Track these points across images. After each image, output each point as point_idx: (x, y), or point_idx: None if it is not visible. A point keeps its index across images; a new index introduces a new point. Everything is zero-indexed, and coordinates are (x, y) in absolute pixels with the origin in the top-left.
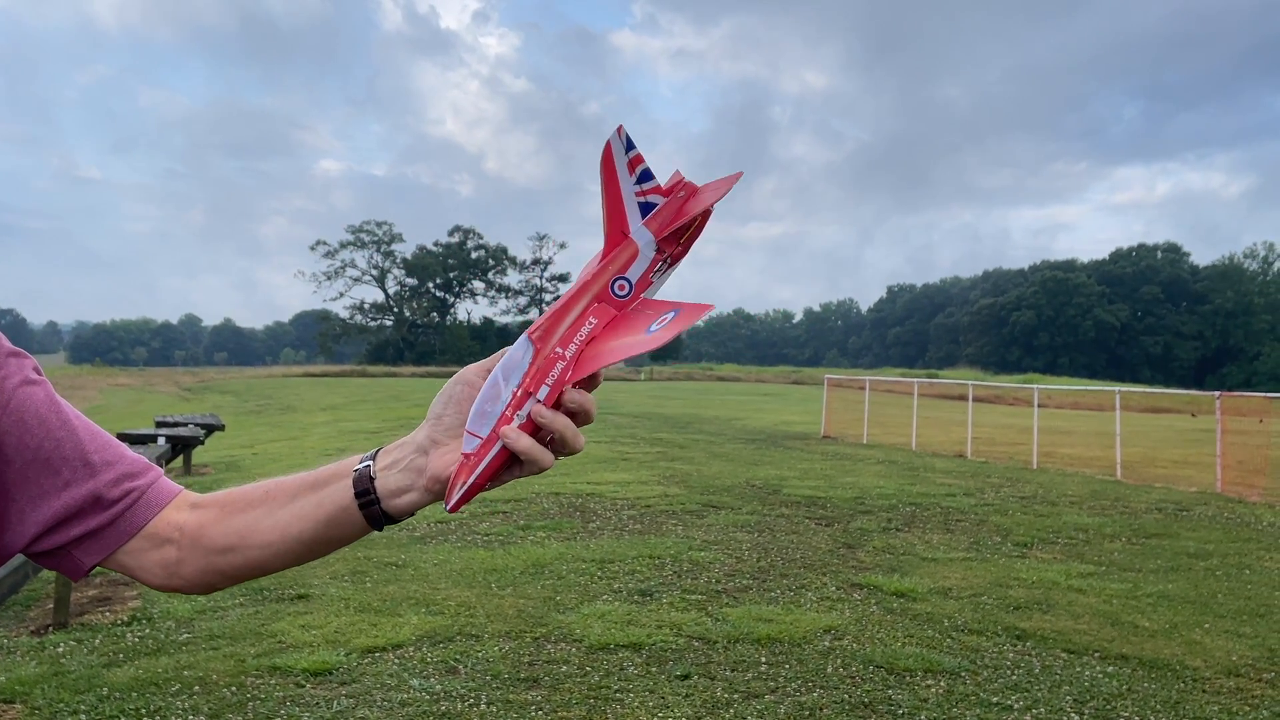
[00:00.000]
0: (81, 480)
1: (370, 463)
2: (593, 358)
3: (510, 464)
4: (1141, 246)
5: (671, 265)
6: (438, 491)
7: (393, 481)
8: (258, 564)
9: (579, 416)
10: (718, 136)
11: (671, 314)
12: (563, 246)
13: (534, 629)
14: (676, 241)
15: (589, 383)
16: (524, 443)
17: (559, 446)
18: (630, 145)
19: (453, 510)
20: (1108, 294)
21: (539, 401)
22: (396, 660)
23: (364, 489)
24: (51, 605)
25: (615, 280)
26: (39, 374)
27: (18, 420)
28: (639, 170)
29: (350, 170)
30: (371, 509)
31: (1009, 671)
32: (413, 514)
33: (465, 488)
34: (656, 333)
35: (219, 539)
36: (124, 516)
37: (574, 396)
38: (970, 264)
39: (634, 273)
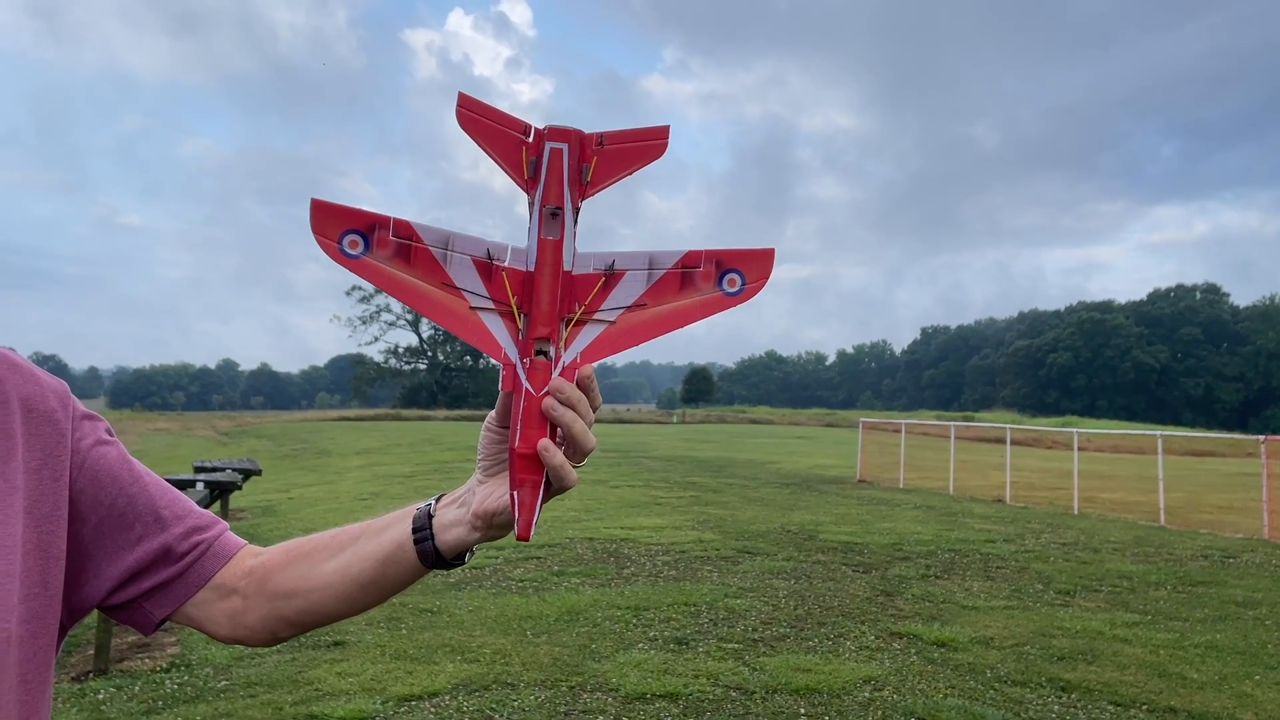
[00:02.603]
0: (153, 534)
1: (433, 502)
2: (646, 324)
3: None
4: (1180, 287)
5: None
6: (483, 526)
7: (447, 517)
8: (318, 608)
9: (575, 409)
10: (742, 177)
11: (737, 276)
12: None
13: (569, 678)
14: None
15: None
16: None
17: (569, 446)
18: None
19: (523, 537)
20: (1146, 335)
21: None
22: (433, 709)
23: (421, 525)
24: (92, 651)
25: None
26: (111, 435)
27: (93, 479)
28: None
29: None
30: (424, 544)
31: None
32: (464, 552)
33: (520, 507)
34: (738, 293)
35: (282, 584)
36: (192, 569)
37: (560, 385)
38: (1003, 304)
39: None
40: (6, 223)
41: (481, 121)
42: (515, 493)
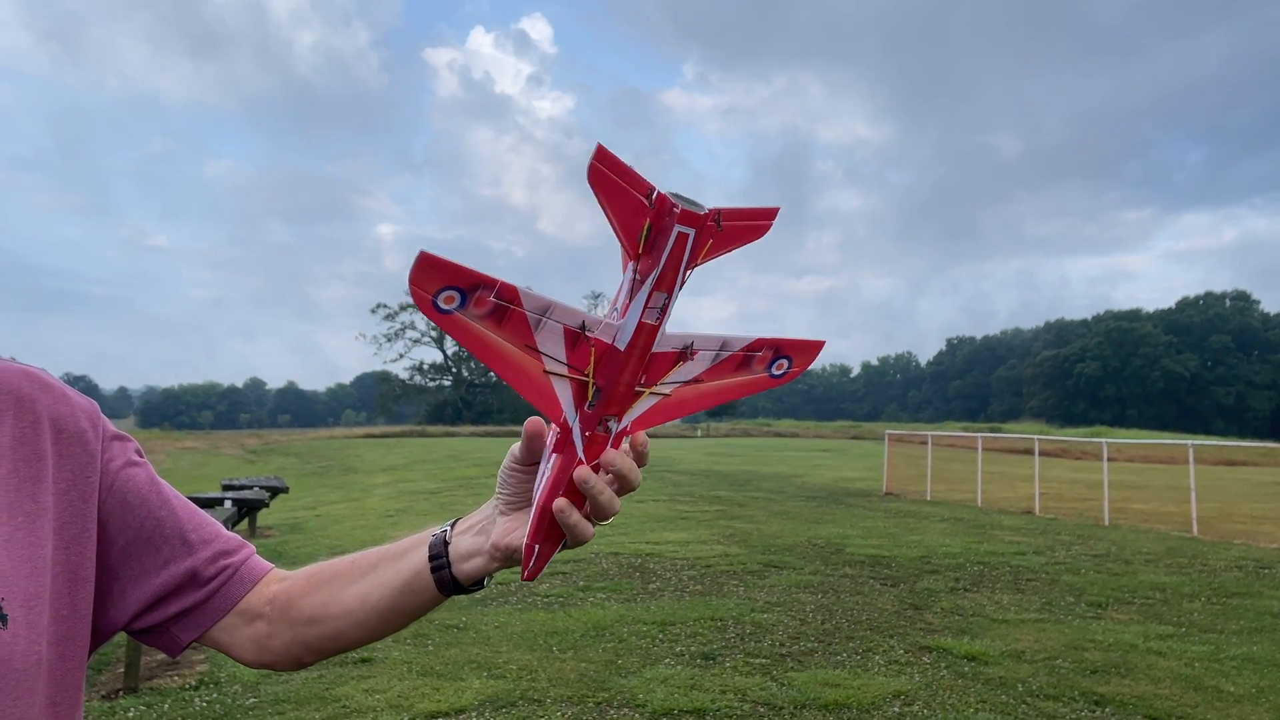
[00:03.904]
0: (180, 558)
1: (448, 529)
2: (696, 398)
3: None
4: (1209, 294)
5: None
6: (502, 559)
7: (464, 545)
8: (339, 634)
9: (621, 481)
10: (762, 188)
11: (786, 361)
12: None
13: (596, 693)
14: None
15: (638, 457)
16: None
17: (593, 511)
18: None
19: (529, 579)
20: (1175, 343)
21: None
22: None
23: (438, 553)
24: (122, 670)
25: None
26: (141, 456)
27: (121, 501)
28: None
29: (408, 233)
30: (441, 573)
31: None
32: (482, 579)
33: (535, 557)
34: (782, 376)
35: (305, 610)
36: (219, 593)
37: (613, 458)
38: (1028, 314)
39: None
40: (35, 246)
41: (613, 180)
42: (535, 546)
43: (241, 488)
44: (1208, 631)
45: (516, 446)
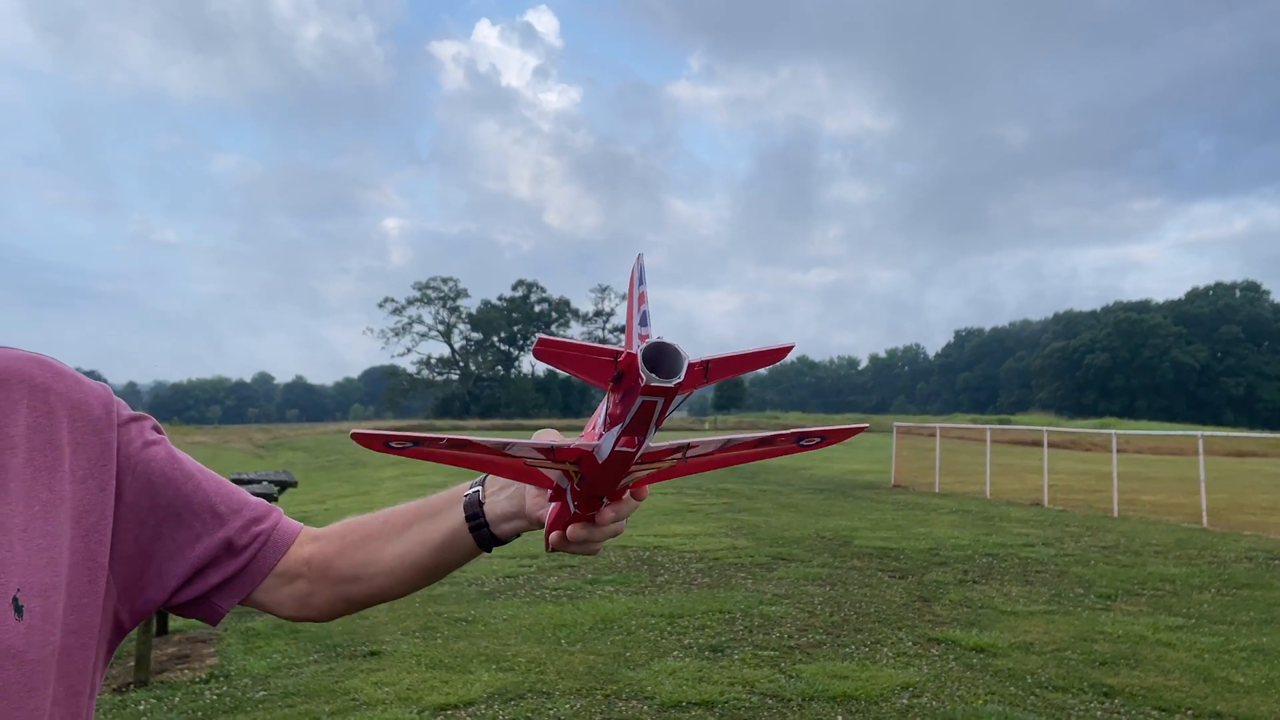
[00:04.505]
0: (212, 530)
1: (479, 489)
2: (709, 463)
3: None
4: (1219, 285)
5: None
6: (536, 526)
7: (499, 507)
8: (381, 590)
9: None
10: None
11: (818, 439)
12: (624, 298)
13: (604, 686)
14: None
15: (636, 493)
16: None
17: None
18: (642, 279)
19: (551, 550)
20: (1185, 335)
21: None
22: (468, 718)
23: (474, 513)
24: (133, 663)
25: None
26: (158, 431)
27: (145, 482)
28: (642, 310)
29: (414, 227)
30: (481, 532)
31: None
32: (519, 536)
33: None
34: (812, 446)
35: (344, 570)
36: (255, 560)
37: (605, 527)
38: (1036, 305)
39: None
40: (43, 242)
41: (563, 355)
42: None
43: (250, 482)
44: (1217, 623)
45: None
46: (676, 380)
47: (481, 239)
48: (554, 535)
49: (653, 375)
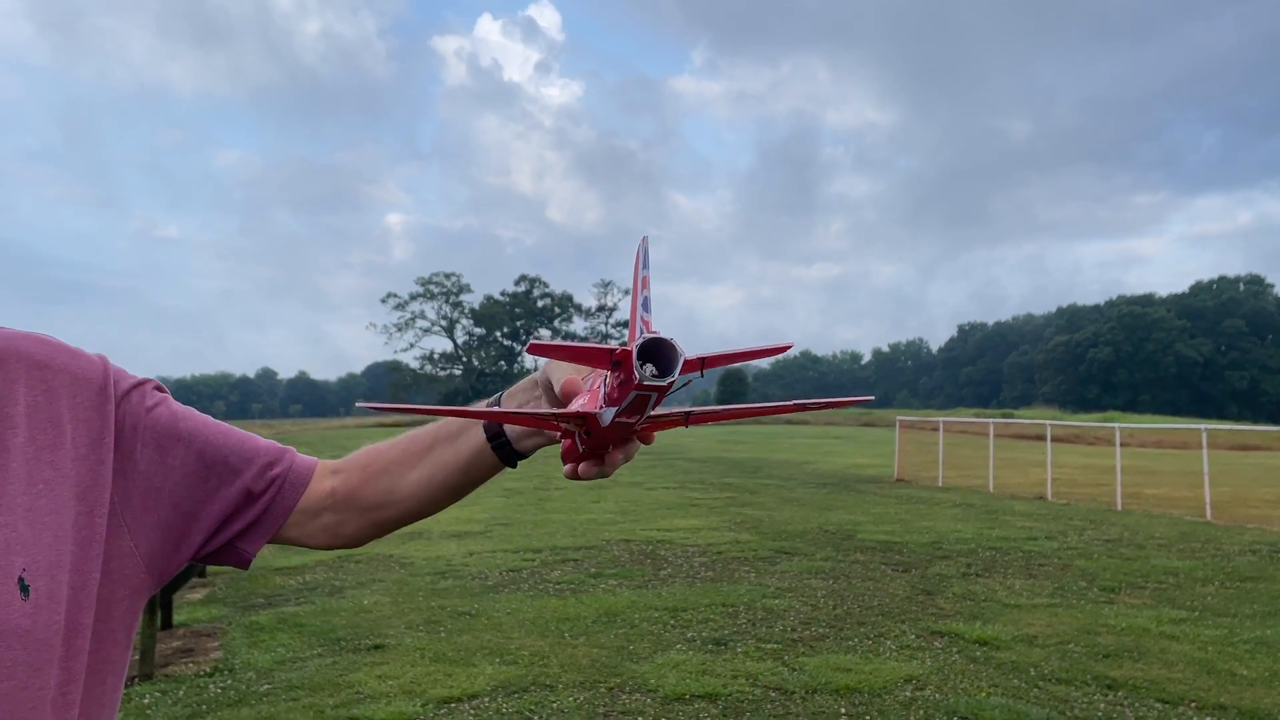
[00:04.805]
0: (229, 482)
1: (496, 408)
2: (714, 416)
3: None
4: (1222, 278)
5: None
6: (551, 442)
7: (519, 426)
8: (410, 513)
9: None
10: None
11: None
12: (627, 293)
13: (608, 679)
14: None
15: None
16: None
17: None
18: (645, 262)
19: (568, 477)
20: (1189, 328)
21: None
22: (472, 711)
23: (495, 432)
24: (137, 656)
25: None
26: (160, 390)
27: (155, 448)
28: (644, 295)
29: (417, 222)
30: (503, 450)
31: None
32: (536, 449)
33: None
34: (808, 402)
35: (370, 498)
36: (275, 502)
37: (604, 467)
38: (1039, 299)
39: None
40: (46, 238)
41: (557, 350)
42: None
43: None
44: (1221, 616)
45: (556, 377)
46: (670, 379)
47: (484, 234)
48: (567, 468)
49: (647, 373)
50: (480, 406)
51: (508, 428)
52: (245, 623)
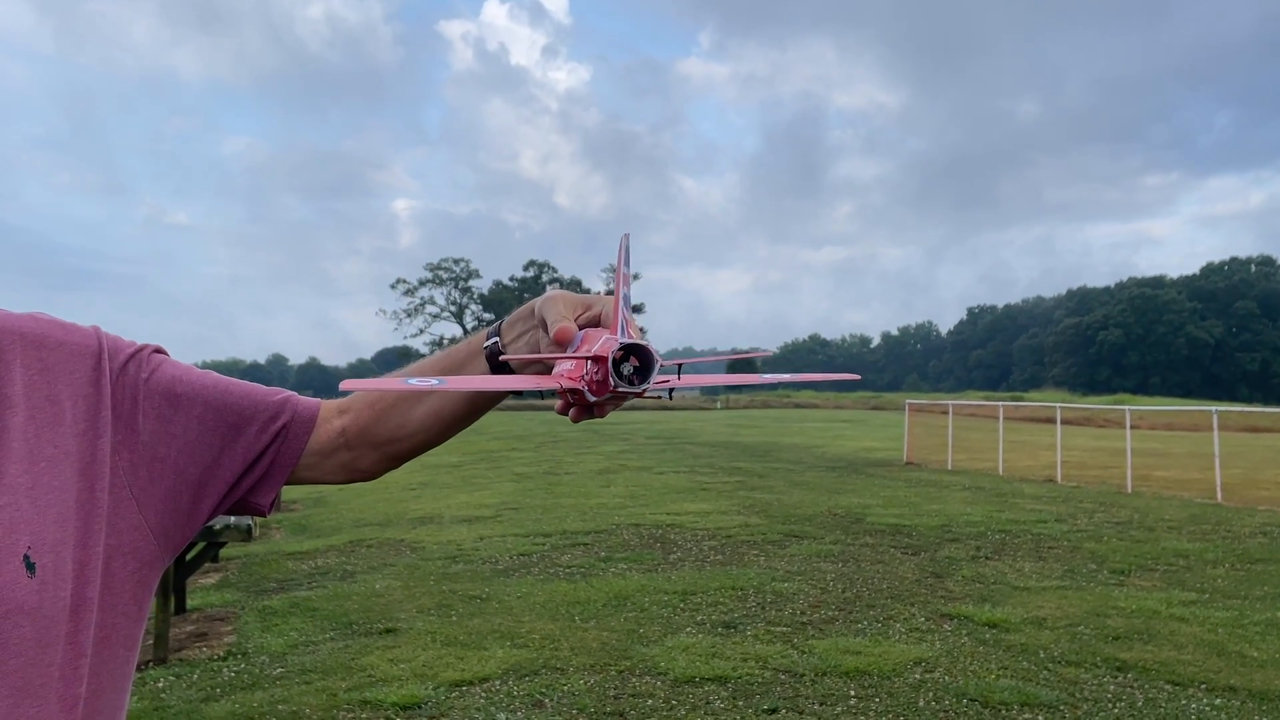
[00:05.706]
0: (233, 440)
1: (497, 339)
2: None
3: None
4: (1234, 260)
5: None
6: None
7: (521, 354)
8: (423, 444)
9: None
10: (777, 156)
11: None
12: (636, 278)
13: (618, 662)
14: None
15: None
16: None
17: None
18: (627, 260)
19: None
20: (1199, 310)
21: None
22: (483, 694)
23: (498, 364)
24: (151, 641)
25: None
26: (159, 353)
27: (156, 417)
28: (625, 292)
29: (424, 208)
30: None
31: (1110, 704)
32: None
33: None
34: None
35: (382, 434)
36: (281, 452)
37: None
38: (1049, 281)
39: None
40: (55, 225)
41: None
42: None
43: None
44: (1231, 598)
45: (550, 319)
46: (644, 386)
47: (492, 219)
48: (558, 406)
49: (621, 382)
50: (481, 338)
51: (514, 362)
52: (258, 607)
